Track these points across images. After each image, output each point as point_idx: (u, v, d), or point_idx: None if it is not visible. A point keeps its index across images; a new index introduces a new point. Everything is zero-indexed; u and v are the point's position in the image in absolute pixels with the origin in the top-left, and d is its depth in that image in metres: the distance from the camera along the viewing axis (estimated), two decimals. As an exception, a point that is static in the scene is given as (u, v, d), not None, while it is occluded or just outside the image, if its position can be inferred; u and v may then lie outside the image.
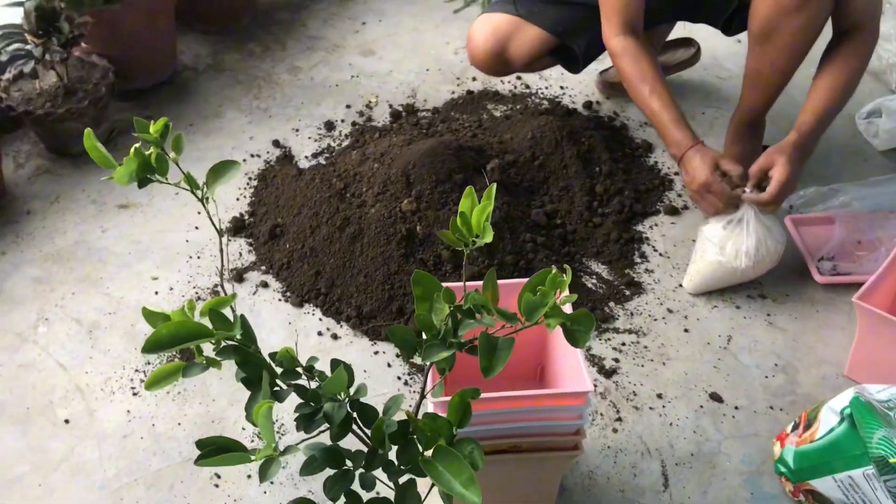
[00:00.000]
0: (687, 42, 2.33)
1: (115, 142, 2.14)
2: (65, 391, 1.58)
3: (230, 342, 0.92)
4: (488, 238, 0.84)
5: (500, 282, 1.16)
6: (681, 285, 1.77)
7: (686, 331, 1.68)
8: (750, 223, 1.65)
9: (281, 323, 1.70)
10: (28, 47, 1.95)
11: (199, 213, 1.94)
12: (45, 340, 1.68)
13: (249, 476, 1.44)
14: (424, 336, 0.92)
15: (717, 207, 1.67)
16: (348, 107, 2.29)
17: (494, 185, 0.86)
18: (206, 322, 0.90)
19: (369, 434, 0.93)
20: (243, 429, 1.51)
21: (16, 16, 1.96)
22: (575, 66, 2.05)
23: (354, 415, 0.94)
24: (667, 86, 1.76)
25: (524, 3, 1.95)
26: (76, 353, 1.65)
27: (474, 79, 2.38)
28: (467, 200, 0.85)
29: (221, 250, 1.01)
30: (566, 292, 0.89)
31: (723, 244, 1.66)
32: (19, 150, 2.15)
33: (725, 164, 1.66)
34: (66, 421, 1.53)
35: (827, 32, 1.73)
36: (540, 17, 1.94)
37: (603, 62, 2.36)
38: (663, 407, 1.54)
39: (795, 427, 1.40)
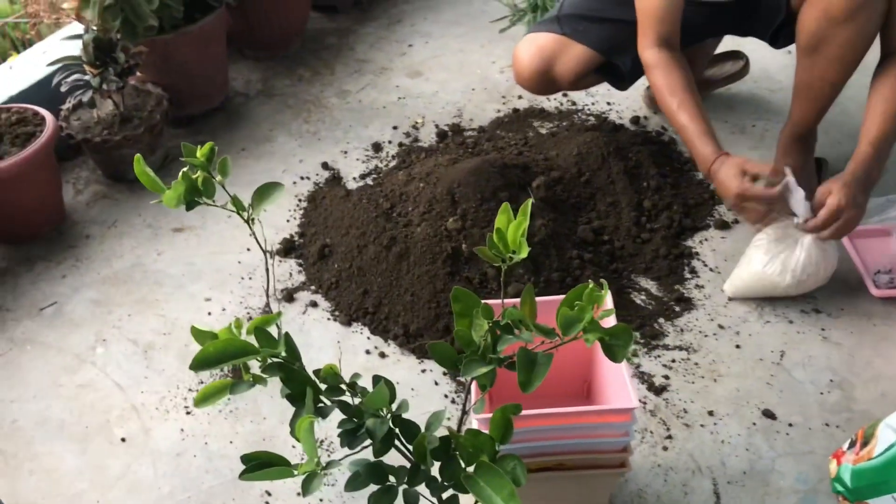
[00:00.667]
0: (735, 55, 2.31)
1: (170, 168, 2.20)
2: (121, 410, 1.63)
3: (275, 359, 0.93)
4: (523, 254, 0.84)
5: (541, 299, 1.16)
6: (723, 290, 1.76)
7: (738, 347, 1.65)
8: (805, 241, 1.62)
9: (330, 342, 1.72)
10: (86, 77, 2.02)
11: (250, 235, 1.97)
12: (103, 361, 1.72)
13: (299, 494, 1.45)
14: (465, 352, 0.92)
15: (761, 212, 1.64)
16: (395, 128, 2.32)
17: (529, 201, 0.87)
18: (253, 340, 0.92)
19: (412, 450, 0.94)
20: (293, 447, 1.52)
21: (75, 48, 2.04)
22: (621, 83, 2.04)
23: (397, 430, 0.95)
24: (697, 99, 1.73)
25: (569, 23, 1.96)
26: (132, 373, 1.70)
27: (520, 97, 2.39)
28: (503, 217, 0.86)
29: (267, 269, 1.04)
30: (607, 306, 0.89)
31: (772, 257, 1.64)
32: (79, 177, 2.23)
33: (752, 167, 1.62)
34: (123, 439, 1.57)
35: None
36: (585, 35, 1.94)
37: (649, 77, 2.35)
38: (714, 424, 1.51)
39: (852, 444, 1.36)
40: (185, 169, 0.96)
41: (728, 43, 2.31)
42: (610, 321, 1.02)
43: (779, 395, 1.55)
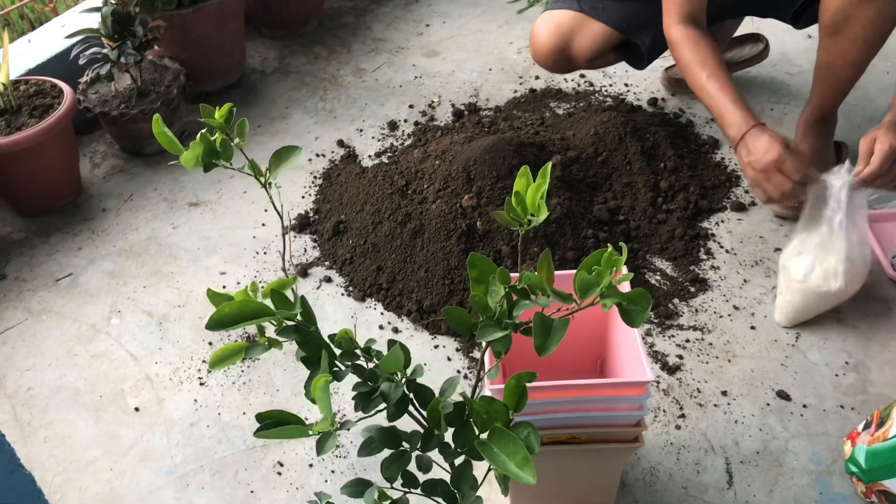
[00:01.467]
0: (755, 38, 2.29)
1: (186, 143, 2.18)
2: (135, 380, 1.63)
3: (291, 322, 0.93)
4: (543, 216, 0.84)
5: (558, 273, 1.16)
6: (776, 321, 1.67)
7: (753, 328, 1.64)
8: (837, 241, 1.54)
9: (344, 317, 1.72)
10: (104, 51, 2.02)
11: (265, 210, 1.98)
12: (118, 332, 1.73)
13: (311, 465, 1.46)
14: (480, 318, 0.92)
15: (784, 189, 1.55)
16: (411, 107, 2.31)
17: (549, 164, 0.86)
18: (269, 304, 0.92)
19: (425, 415, 0.94)
20: (306, 418, 1.52)
21: (93, 21, 2.04)
22: (639, 62, 2.03)
23: (411, 396, 0.95)
24: (726, 71, 1.68)
25: (587, 0, 1.94)
26: (146, 344, 1.70)
27: (537, 77, 2.38)
28: (522, 180, 0.85)
29: (284, 234, 1.03)
30: (623, 272, 0.88)
31: (808, 269, 1.56)
32: (96, 151, 2.23)
33: (793, 143, 1.57)
34: (137, 409, 1.58)
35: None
36: (604, 12, 1.93)
37: (668, 59, 2.33)
38: (728, 404, 1.50)
39: (867, 426, 1.35)
40: (203, 130, 0.96)
41: (748, 26, 2.29)
42: (627, 286, 1.01)
43: (793, 377, 1.54)
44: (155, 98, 2.10)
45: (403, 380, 0.92)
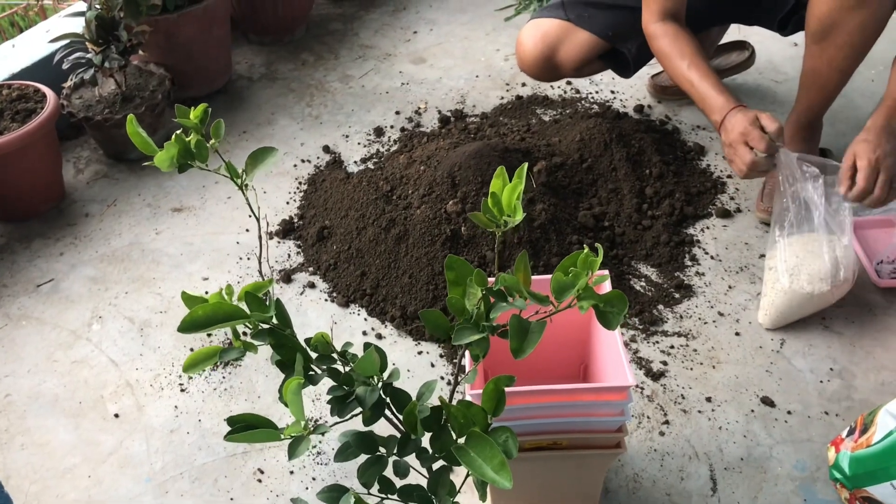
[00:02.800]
0: (741, 45, 2.29)
1: (171, 148, 2.19)
2: (115, 386, 1.62)
3: (266, 325, 0.92)
4: (519, 217, 0.83)
5: (537, 277, 1.15)
6: (760, 323, 1.67)
7: (737, 334, 1.63)
8: (823, 245, 1.56)
9: (327, 323, 1.71)
10: (88, 55, 2.01)
11: (249, 216, 1.97)
12: (98, 338, 1.72)
13: (292, 472, 1.45)
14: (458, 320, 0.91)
15: (747, 160, 1.57)
16: (398, 113, 2.31)
17: (525, 165, 0.85)
18: (244, 307, 0.91)
19: (402, 419, 0.93)
20: (287, 425, 1.51)
21: (78, 25, 2.03)
22: (626, 70, 2.03)
23: (387, 400, 0.93)
24: (706, 60, 1.70)
25: (573, 8, 1.94)
26: (127, 350, 1.69)
27: (524, 84, 2.37)
28: (498, 181, 0.84)
29: (260, 237, 1.02)
30: (606, 275, 0.87)
31: (793, 271, 1.57)
32: (80, 156, 2.22)
33: (765, 118, 1.58)
34: (116, 415, 1.56)
35: (887, 31, 1.68)
36: (590, 21, 1.93)
37: (655, 66, 2.33)
38: (712, 411, 1.50)
39: (851, 432, 1.34)
40: (178, 131, 0.95)
41: (734, 33, 2.29)
42: (604, 287, 1.00)
43: (778, 383, 1.54)
44: (139, 103, 2.09)
45: (380, 383, 0.91)
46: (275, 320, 0.93)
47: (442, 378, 1.58)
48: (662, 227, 1.84)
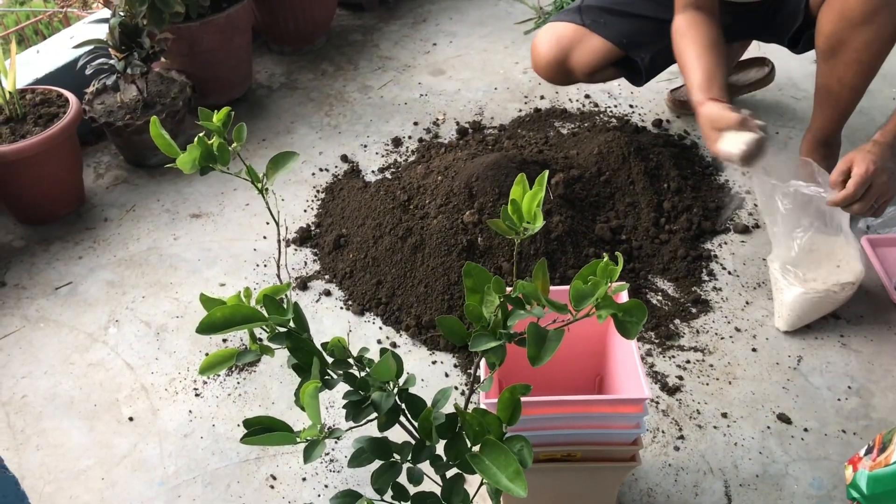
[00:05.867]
0: (761, 62, 2.29)
1: (190, 154, 2.21)
2: (130, 390, 1.62)
3: (283, 328, 0.92)
4: (539, 224, 0.83)
5: (555, 287, 1.15)
6: (777, 328, 1.67)
7: (754, 350, 1.62)
8: (831, 247, 1.58)
9: (342, 330, 1.71)
10: (111, 61, 2.03)
11: (267, 223, 1.98)
12: (115, 341, 1.72)
13: (305, 479, 1.44)
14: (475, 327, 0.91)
15: (713, 143, 1.61)
16: (416, 124, 2.31)
17: (546, 172, 0.85)
18: (262, 310, 0.91)
19: (417, 426, 0.93)
20: (302, 429, 1.51)
21: (101, 32, 2.05)
22: (638, 78, 2.03)
23: (403, 406, 0.93)
24: (714, 46, 1.70)
25: (590, 14, 1.95)
26: (143, 354, 1.69)
27: (542, 97, 2.38)
28: (518, 188, 0.84)
29: (279, 241, 1.03)
30: (625, 284, 0.87)
31: (799, 273, 1.59)
32: (100, 161, 2.24)
33: (730, 114, 1.61)
34: (131, 419, 1.57)
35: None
36: (605, 27, 1.93)
37: (673, 80, 2.34)
38: (728, 426, 1.48)
39: (869, 450, 1.33)
40: (200, 134, 0.95)
41: (754, 50, 2.29)
42: (623, 297, 1.00)
43: (795, 400, 1.52)
44: (160, 110, 2.11)
45: (395, 389, 0.91)
46: (292, 324, 0.93)
47: (456, 388, 1.58)
48: (680, 242, 1.83)
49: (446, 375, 1.61)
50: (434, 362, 1.63)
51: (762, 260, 1.81)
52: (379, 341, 1.68)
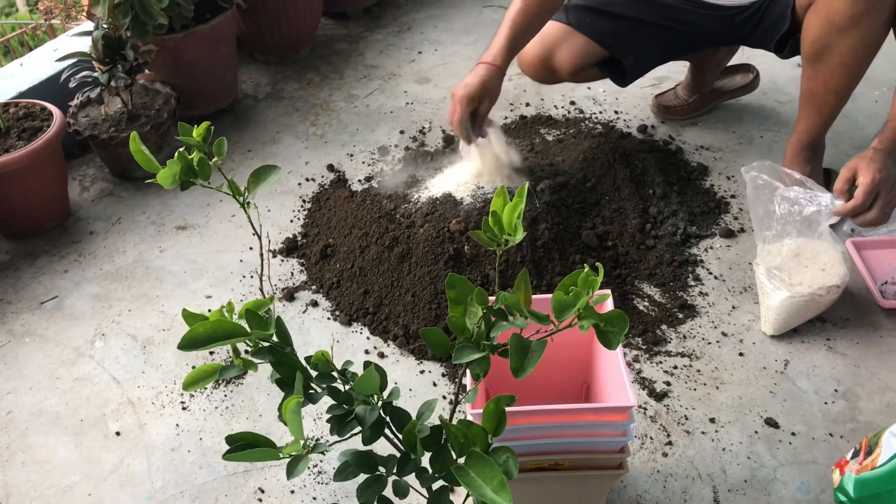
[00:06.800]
0: (746, 68, 2.30)
1: (176, 166, 2.20)
2: (117, 404, 1.61)
3: (266, 343, 0.92)
4: (519, 236, 0.83)
5: (539, 296, 1.15)
6: (763, 333, 1.68)
7: (741, 355, 1.63)
8: (815, 250, 1.59)
9: (329, 341, 1.71)
10: (95, 74, 2.03)
11: (253, 234, 1.98)
12: (101, 355, 1.72)
13: (293, 491, 1.44)
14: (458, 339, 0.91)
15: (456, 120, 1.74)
16: (402, 132, 2.31)
17: (526, 184, 0.85)
18: (245, 325, 0.91)
19: (402, 439, 0.92)
20: (287, 444, 1.51)
21: (85, 45, 2.04)
22: (622, 79, 2.03)
23: (387, 419, 0.93)
24: (523, 14, 1.77)
25: (576, 13, 1.95)
26: (130, 367, 1.69)
27: (527, 104, 2.38)
28: (499, 200, 0.84)
29: (262, 254, 1.02)
30: (607, 293, 0.87)
31: (785, 278, 1.59)
32: (85, 174, 2.23)
33: (478, 104, 1.74)
34: (118, 433, 1.56)
35: (891, 53, 1.69)
36: (590, 27, 1.93)
37: (659, 86, 2.34)
38: (716, 432, 1.49)
39: (856, 454, 1.33)
40: (181, 149, 0.95)
41: (739, 56, 2.30)
42: (606, 307, 1.00)
43: (782, 404, 1.53)
44: (145, 122, 2.10)
45: (379, 402, 0.91)
46: (275, 338, 0.92)
47: (444, 398, 1.58)
48: (666, 247, 1.83)
49: (434, 385, 1.60)
50: (422, 372, 1.63)
51: (748, 264, 1.81)
52: (367, 351, 1.68)
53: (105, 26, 2.00)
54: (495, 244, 0.87)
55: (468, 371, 1.00)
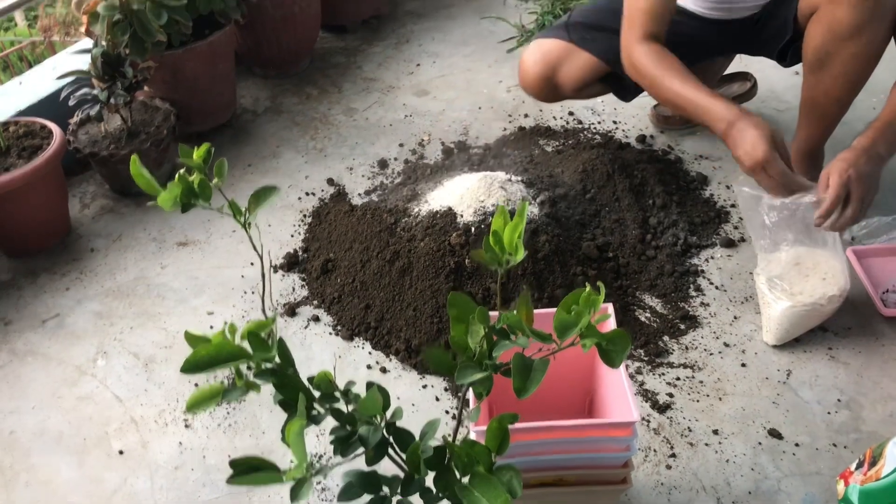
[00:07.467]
0: (743, 76, 2.30)
1: (176, 182, 2.21)
2: (120, 423, 1.61)
3: (268, 365, 0.92)
4: (520, 256, 0.83)
5: (540, 311, 1.15)
6: (765, 342, 1.68)
7: (743, 365, 1.63)
8: (814, 259, 1.59)
9: (331, 356, 1.71)
10: (94, 91, 2.03)
11: (254, 248, 1.98)
12: (103, 373, 1.72)
13: (297, 509, 1.43)
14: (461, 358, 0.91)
15: (771, 186, 1.56)
16: (401, 145, 2.32)
17: (526, 203, 0.85)
18: (247, 346, 0.91)
19: (405, 459, 0.92)
20: (291, 461, 1.50)
21: (84, 62, 2.05)
22: (626, 93, 2.03)
23: (390, 439, 0.93)
24: (697, 78, 1.67)
25: (576, 30, 1.96)
26: (132, 385, 1.69)
27: (526, 115, 2.39)
28: (500, 219, 0.85)
29: (263, 274, 1.02)
30: (609, 313, 0.87)
31: (786, 287, 1.59)
32: (85, 191, 2.23)
33: (781, 144, 1.56)
34: (121, 452, 1.56)
35: (891, 62, 1.69)
36: (592, 43, 1.94)
37: (656, 96, 2.34)
38: (719, 443, 1.48)
39: (860, 465, 1.33)
40: (181, 171, 0.95)
41: (736, 64, 2.31)
42: (608, 325, 1.00)
43: (785, 415, 1.53)
44: (145, 139, 2.10)
45: (382, 423, 0.91)
46: (277, 359, 0.92)
47: (447, 412, 1.57)
48: (666, 258, 1.83)
49: (437, 399, 1.60)
50: (424, 386, 1.63)
51: (749, 274, 1.81)
52: (369, 367, 1.68)
53: (104, 44, 2.01)
54: (496, 264, 0.87)
55: (471, 389, 1.00)
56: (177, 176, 0.95)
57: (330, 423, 0.96)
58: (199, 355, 0.87)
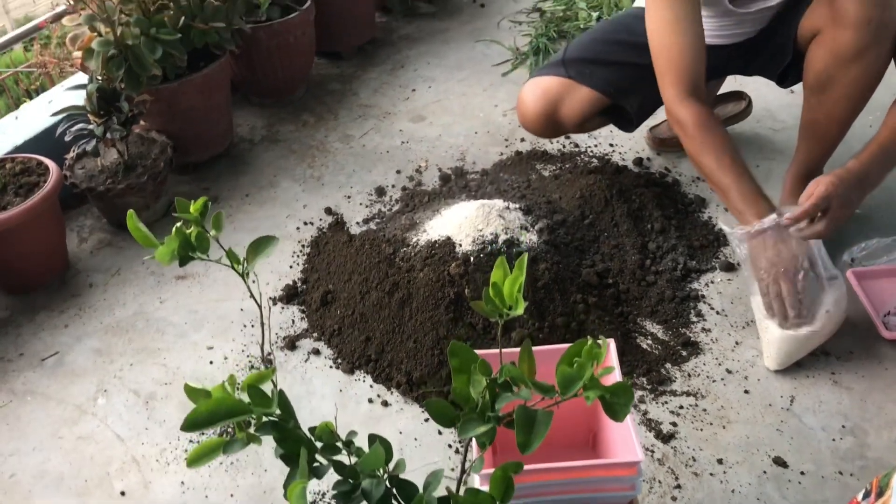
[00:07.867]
0: (738, 95, 2.31)
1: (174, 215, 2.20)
2: (121, 462, 1.60)
3: (269, 418, 0.91)
4: (520, 310, 0.82)
5: (541, 348, 1.14)
6: (767, 368, 1.67)
7: (746, 392, 1.62)
8: (799, 281, 1.59)
9: (332, 391, 1.70)
10: (90, 127, 2.03)
11: (253, 281, 1.97)
12: (104, 412, 1.71)
13: (300, 548, 1.42)
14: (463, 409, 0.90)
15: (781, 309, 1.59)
16: (398, 172, 2.32)
17: (526, 255, 0.85)
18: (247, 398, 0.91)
19: (409, 511, 0.92)
20: None
21: (79, 98, 2.05)
22: (628, 125, 2.03)
23: (394, 491, 0.92)
24: (741, 158, 1.64)
25: (574, 66, 1.95)
26: (133, 424, 1.68)
27: (522, 139, 2.39)
28: (499, 271, 0.84)
29: (263, 324, 1.02)
30: (612, 362, 0.87)
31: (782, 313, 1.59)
32: (83, 225, 2.23)
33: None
34: (122, 493, 1.55)
35: (891, 82, 1.69)
36: (591, 78, 1.94)
37: (653, 118, 2.34)
38: (724, 473, 1.48)
39: (867, 494, 1.32)
40: (178, 224, 0.95)
41: (731, 84, 2.31)
42: (611, 378, 1.00)
43: (790, 442, 1.52)
44: (142, 172, 2.10)
45: (385, 476, 0.90)
46: (278, 411, 0.92)
47: (450, 446, 1.57)
48: (666, 283, 1.83)
49: (439, 433, 1.59)
50: (427, 420, 1.62)
51: (749, 298, 1.80)
52: (370, 400, 1.67)
53: (99, 78, 2.01)
54: (496, 315, 0.86)
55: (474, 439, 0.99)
56: (174, 229, 0.95)
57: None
58: (199, 412, 0.86)
